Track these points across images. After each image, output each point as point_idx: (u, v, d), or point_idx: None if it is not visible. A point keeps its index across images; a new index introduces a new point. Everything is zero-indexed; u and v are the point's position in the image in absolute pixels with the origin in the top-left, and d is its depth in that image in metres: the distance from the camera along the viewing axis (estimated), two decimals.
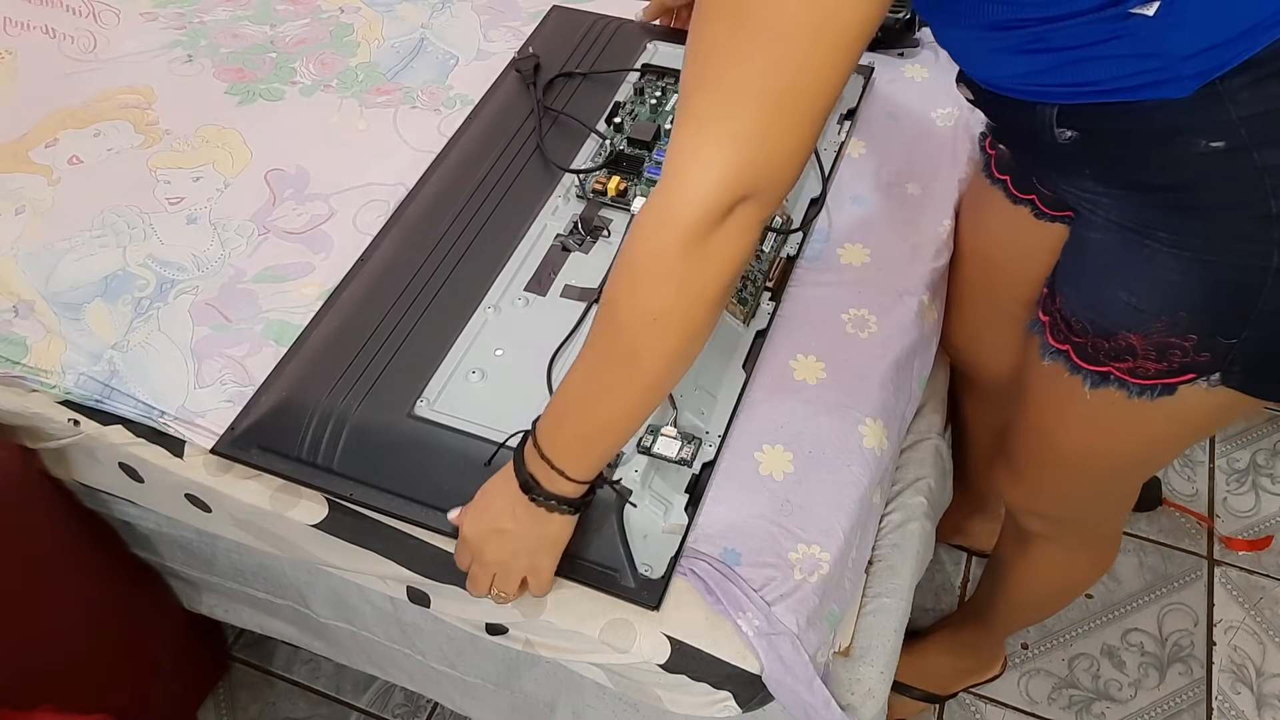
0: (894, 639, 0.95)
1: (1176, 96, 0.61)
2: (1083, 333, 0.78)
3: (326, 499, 0.88)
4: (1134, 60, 0.61)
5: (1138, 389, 0.75)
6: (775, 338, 0.95)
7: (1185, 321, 0.70)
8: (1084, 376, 0.78)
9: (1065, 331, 0.80)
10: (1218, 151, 0.62)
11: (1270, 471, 1.62)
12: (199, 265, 1.03)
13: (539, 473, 0.72)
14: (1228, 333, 0.69)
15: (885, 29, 1.23)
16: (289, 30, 1.32)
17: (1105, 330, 0.75)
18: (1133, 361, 0.75)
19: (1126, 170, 0.69)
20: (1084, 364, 0.78)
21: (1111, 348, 0.75)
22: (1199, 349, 0.71)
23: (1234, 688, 1.39)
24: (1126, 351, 0.75)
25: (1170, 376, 0.74)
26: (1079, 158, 0.71)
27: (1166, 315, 0.71)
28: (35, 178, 1.13)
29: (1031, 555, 1.08)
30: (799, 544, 0.82)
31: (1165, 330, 0.71)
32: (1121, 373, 0.76)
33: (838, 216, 1.07)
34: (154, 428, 0.93)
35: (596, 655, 0.83)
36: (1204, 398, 0.74)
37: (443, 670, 1.09)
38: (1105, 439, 0.83)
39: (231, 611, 1.24)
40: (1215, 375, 0.72)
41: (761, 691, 0.81)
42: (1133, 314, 0.73)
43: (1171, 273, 0.69)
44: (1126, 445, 0.83)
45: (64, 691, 1.05)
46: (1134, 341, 0.74)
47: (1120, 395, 0.77)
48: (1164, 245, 0.69)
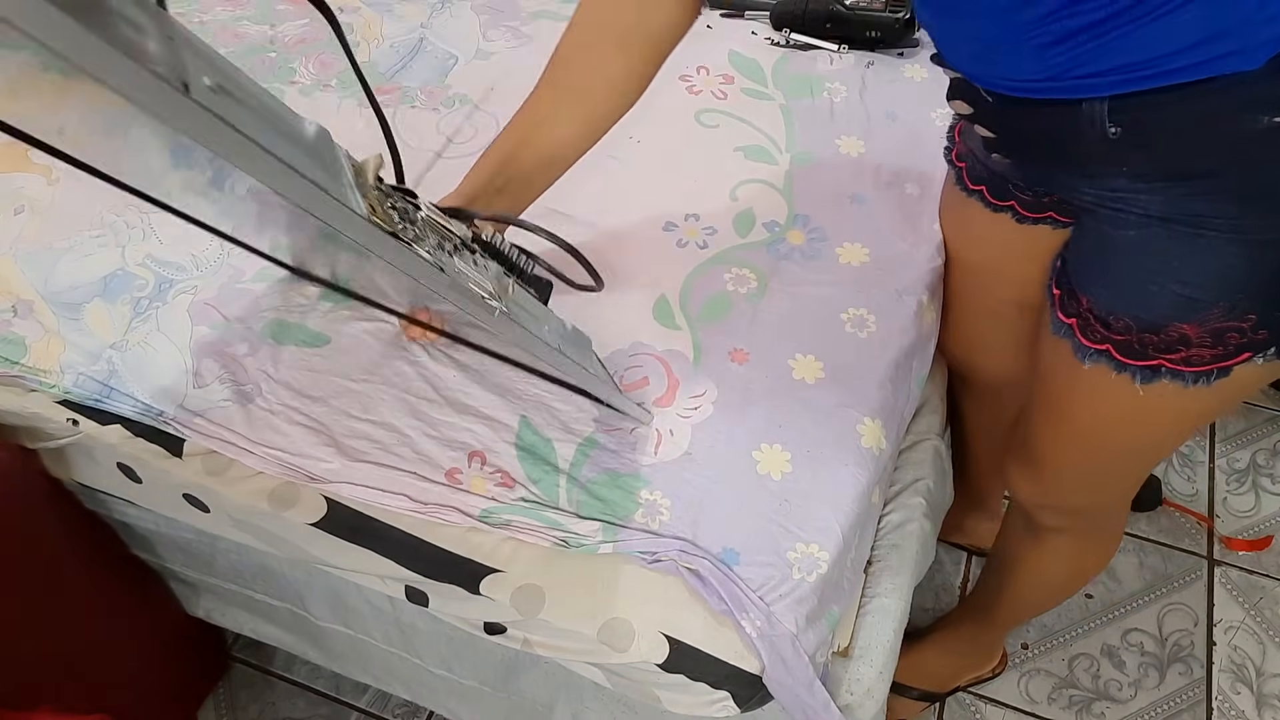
0: (893, 639, 0.95)
1: (1246, 69, 0.59)
2: (1125, 330, 0.76)
3: (324, 498, 0.88)
4: (1195, 28, 0.58)
5: (1192, 377, 0.74)
6: (775, 336, 0.95)
7: (1244, 303, 0.69)
8: (1133, 374, 0.77)
9: (1103, 331, 0.78)
10: (1278, 126, 0.60)
11: (1270, 471, 1.62)
12: (198, 265, 1.03)
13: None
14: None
15: (885, 29, 1.23)
16: (289, 30, 1.32)
17: (1153, 325, 0.74)
18: (1185, 351, 0.73)
19: (1175, 159, 0.67)
20: (1130, 360, 0.77)
21: (1161, 341, 0.74)
22: (1257, 327, 0.70)
23: (1234, 688, 1.39)
24: (1179, 343, 0.73)
25: (1226, 360, 0.73)
26: (1120, 155, 0.69)
27: (1225, 301, 0.70)
28: (35, 177, 1.13)
29: (1042, 549, 1.07)
30: (798, 543, 0.82)
31: (1223, 315, 0.70)
32: (1174, 364, 0.75)
33: (838, 216, 1.07)
34: (152, 427, 0.93)
35: (595, 655, 0.83)
36: (1255, 374, 0.73)
37: (440, 675, 1.09)
38: (1152, 431, 0.82)
39: (228, 615, 1.24)
40: (1271, 350, 0.71)
41: (760, 691, 0.81)
42: (1186, 305, 0.71)
43: (1230, 258, 0.68)
44: (1171, 433, 0.83)
45: (64, 691, 1.05)
46: (1187, 331, 0.72)
47: (1174, 386, 0.75)
48: (1220, 232, 0.68)
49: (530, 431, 0.89)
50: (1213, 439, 1.67)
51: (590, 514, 0.84)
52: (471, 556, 0.85)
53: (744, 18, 1.36)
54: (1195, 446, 1.65)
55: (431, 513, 0.85)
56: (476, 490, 0.86)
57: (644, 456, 0.87)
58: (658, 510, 0.83)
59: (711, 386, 0.91)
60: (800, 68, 1.26)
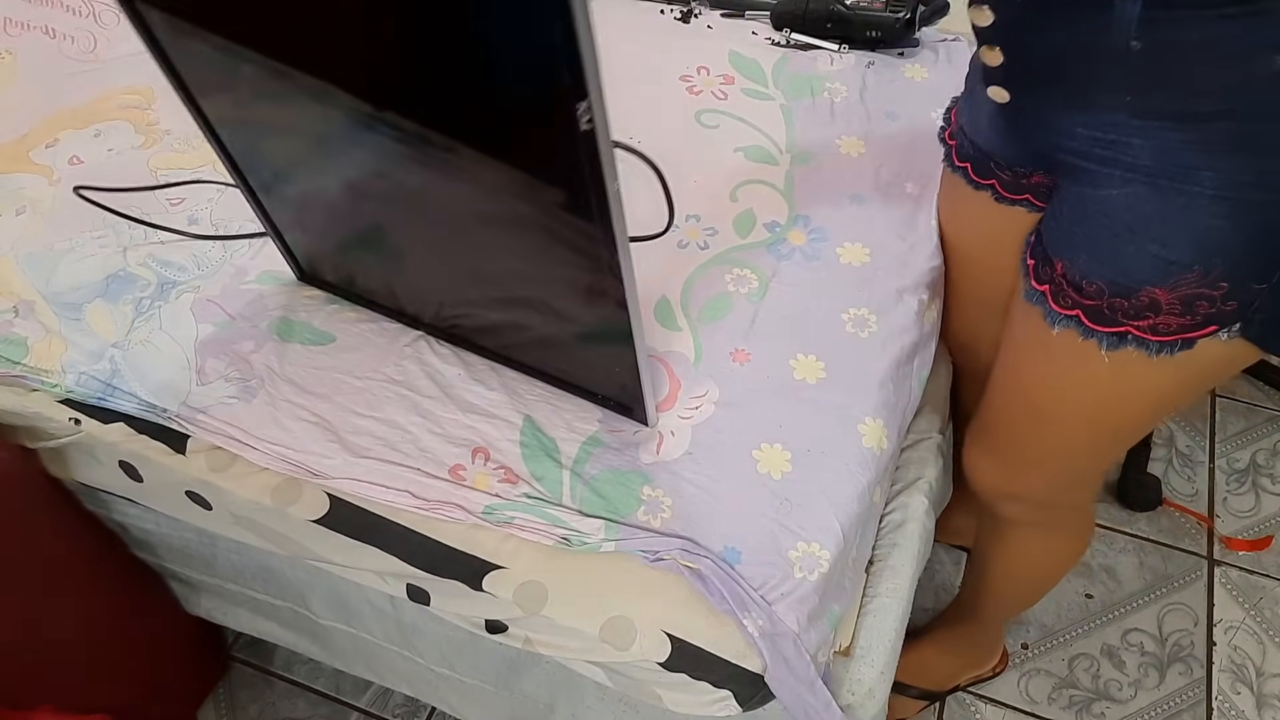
0: (894, 639, 0.95)
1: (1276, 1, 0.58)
2: (1096, 295, 0.76)
3: (327, 494, 0.89)
4: None
5: (1157, 346, 0.74)
6: (775, 336, 0.96)
7: (1220, 269, 0.69)
8: (1100, 339, 0.77)
9: (1074, 296, 0.78)
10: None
11: (1270, 471, 1.62)
12: (200, 265, 1.04)
13: None
14: (1261, 276, 0.68)
15: (885, 29, 1.23)
16: None
17: (1125, 289, 0.74)
18: (1154, 318, 0.73)
19: (1186, 95, 0.65)
20: (1099, 326, 0.77)
21: (1131, 306, 0.74)
22: (1227, 297, 0.70)
23: (1234, 688, 1.39)
24: (1148, 309, 0.73)
25: (1192, 331, 0.73)
26: (1130, 78, 0.67)
27: (1201, 264, 0.69)
28: (36, 178, 1.13)
29: (1009, 543, 1.08)
30: (799, 542, 0.82)
31: (1196, 281, 0.70)
32: (1141, 331, 0.75)
33: (838, 216, 1.07)
34: (156, 424, 0.93)
35: (596, 654, 0.83)
36: (1218, 351, 0.73)
37: (442, 673, 1.09)
38: (1113, 403, 0.82)
39: (229, 615, 1.24)
40: (1236, 326, 0.71)
41: (762, 691, 0.81)
42: (1162, 267, 0.71)
43: (1214, 218, 0.68)
44: (1131, 408, 0.82)
45: (64, 691, 1.05)
46: (1158, 296, 0.72)
47: (1138, 355, 0.76)
48: (1205, 189, 0.67)
49: (534, 429, 0.89)
50: (1213, 439, 1.67)
51: (593, 511, 0.84)
52: (474, 552, 0.85)
53: (744, 18, 1.36)
54: (1195, 446, 1.66)
55: (434, 509, 0.85)
56: (480, 486, 0.86)
57: (646, 455, 0.87)
58: (659, 508, 0.84)
59: (713, 387, 0.91)
60: (800, 68, 1.27)
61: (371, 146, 0.77)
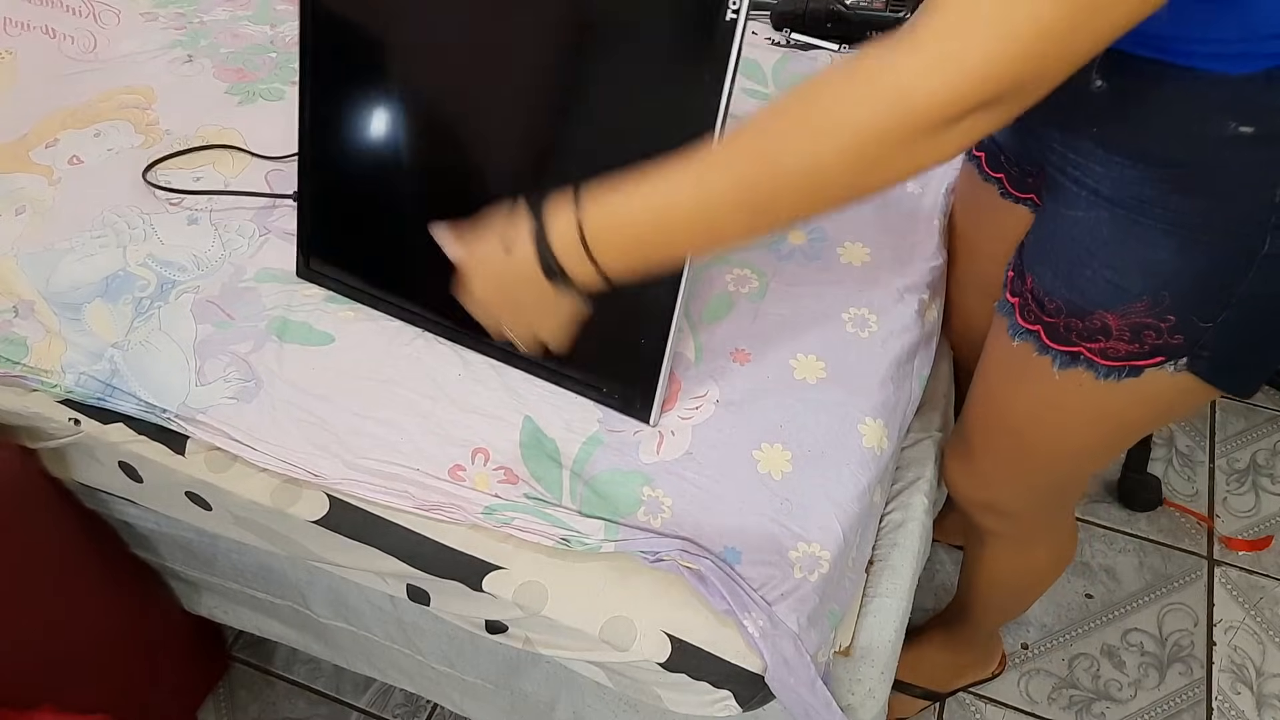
0: (894, 639, 0.95)
1: (1238, 73, 0.60)
2: (1056, 313, 0.78)
3: (326, 495, 0.89)
4: (1211, 25, 0.59)
5: (1105, 370, 0.76)
6: (775, 336, 0.95)
7: (1167, 302, 0.71)
8: (1053, 357, 0.79)
9: (1037, 312, 0.80)
10: (1244, 136, 0.62)
11: (1270, 471, 1.62)
12: (199, 265, 1.03)
13: (569, 259, 0.65)
14: (1206, 315, 0.70)
15: (885, 29, 1.23)
16: (289, 30, 1.33)
17: (1081, 310, 0.76)
18: (1105, 342, 0.75)
19: (1143, 139, 0.68)
20: (1054, 344, 0.78)
21: (1085, 328, 0.76)
22: (1174, 330, 0.71)
23: (1234, 688, 1.39)
24: (1100, 332, 0.75)
25: (1140, 359, 0.74)
26: (1095, 112, 0.69)
27: (1149, 295, 0.71)
28: (35, 178, 1.13)
29: (987, 553, 1.09)
30: (799, 542, 0.82)
31: (1145, 310, 0.72)
32: (1092, 353, 0.76)
33: (838, 216, 1.07)
34: (155, 425, 0.93)
35: (596, 654, 0.83)
36: (1166, 383, 0.74)
37: (443, 670, 1.09)
38: (1066, 422, 0.83)
39: (231, 613, 1.24)
40: (1183, 360, 0.73)
41: (762, 691, 0.81)
42: (1114, 293, 0.73)
43: (1162, 251, 0.69)
44: (1085, 430, 0.84)
45: (64, 691, 1.05)
46: (1109, 321, 0.74)
47: (1088, 376, 0.77)
48: (1158, 223, 0.69)
49: (534, 429, 0.89)
50: (1213, 439, 1.67)
51: (593, 511, 0.84)
52: (474, 553, 0.85)
53: None
54: (1195, 446, 1.66)
55: (434, 510, 0.85)
56: (480, 487, 0.86)
57: (646, 455, 0.87)
58: (660, 508, 0.83)
59: (713, 386, 0.91)
60: (800, 68, 1.27)
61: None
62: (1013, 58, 0.49)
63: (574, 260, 0.65)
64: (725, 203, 0.60)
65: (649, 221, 0.63)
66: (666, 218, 0.62)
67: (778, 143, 0.57)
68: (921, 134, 0.52)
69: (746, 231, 0.62)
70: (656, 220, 0.63)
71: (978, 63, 0.49)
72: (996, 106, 0.51)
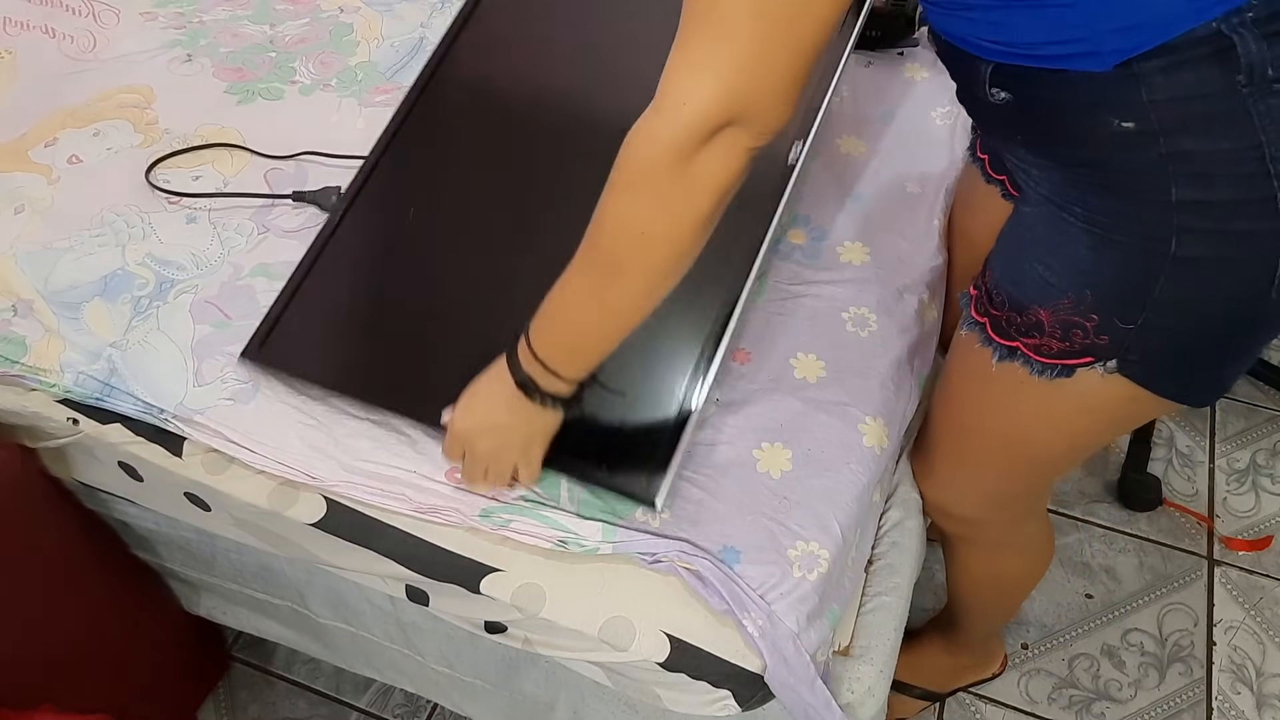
0: (893, 638, 0.95)
1: (1097, 70, 0.62)
2: (1000, 306, 0.79)
3: (324, 497, 0.88)
4: (1057, 28, 0.62)
5: (1039, 367, 0.77)
6: (775, 336, 0.95)
7: (1090, 300, 0.71)
8: (994, 350, 0.80)
9: (987, 304, 0.81)
10: (1129, 133, 0.63)
11: (1270, 471, 1.62)
12: (198, 264, 1.03)
13: (535, 373, 0.76)
14: (1125, 317, 0.71)
15: (885, 28, 1.23)
16: (288, 30, 1.32)
17: (1019, 304, 0.77)
18: (1039, 338, 0.76)
19: (1050, 140, 0.70)
20: (996, 337, 0.80)
21: (1023, 322, 0.77)
22: (1099, 330, 0.72)
23: (1234, 688, 1.39)
24: (1035, 327, 0.76)
25: (1070, 357, 0.75)
26: (1011, 122, 0.72)
27: (1074, 292, 0.72)
28: (35, 177, 1.13)
29: (957, 558, 1.10)
30: (798, 541, 0.82)
31: (1071, 308, 0.73)
32: (1028, 349, 0.77)
33: (838, 215, 1.07)
34: (153, 426, 0.93)
35: (596, 653, 0.83)
36: (1101, 386, 0.75)
37: (442, 670, 1.09)
38: (1007, 419, 0.84)
39: (230, 614, 1.24)
40: (1112, 362, 0.73)
41: (761, 690, 0.81)
42: (1045, 288, 0.74)
43: (1082, 248, 0.71)
44: (1026, 429, 0.84)
45: (64, 691, 1.05)
46: (1043, 317, 0.75)
47: (1024, 372, 0.78)
48: (1078, 220, 0.71)
49: None
50: (1213, 439, 1.67)
51: (591, 513, 0.84)
52: (472, 555, 0.85)
53: None
54: (1195, 446, 1.66)
55: (431, 513, 0.85)
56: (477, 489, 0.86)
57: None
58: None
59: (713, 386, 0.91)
60: None
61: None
62: (727, 86, 0.60)
63: (539, 373, 0.76)
64: (586, 266, 0.71)
65: (558, 328, 0.75)
66: (565, 321, 0.74)
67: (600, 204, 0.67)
68: (678, 162, 0.62)
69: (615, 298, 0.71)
70: (563, 325, 0.75)
71: (698, 97, 0.60)
72: (741, 124, 0.62)
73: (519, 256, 0.95)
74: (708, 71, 0.60)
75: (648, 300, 0.71)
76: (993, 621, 1.33)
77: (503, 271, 0.96)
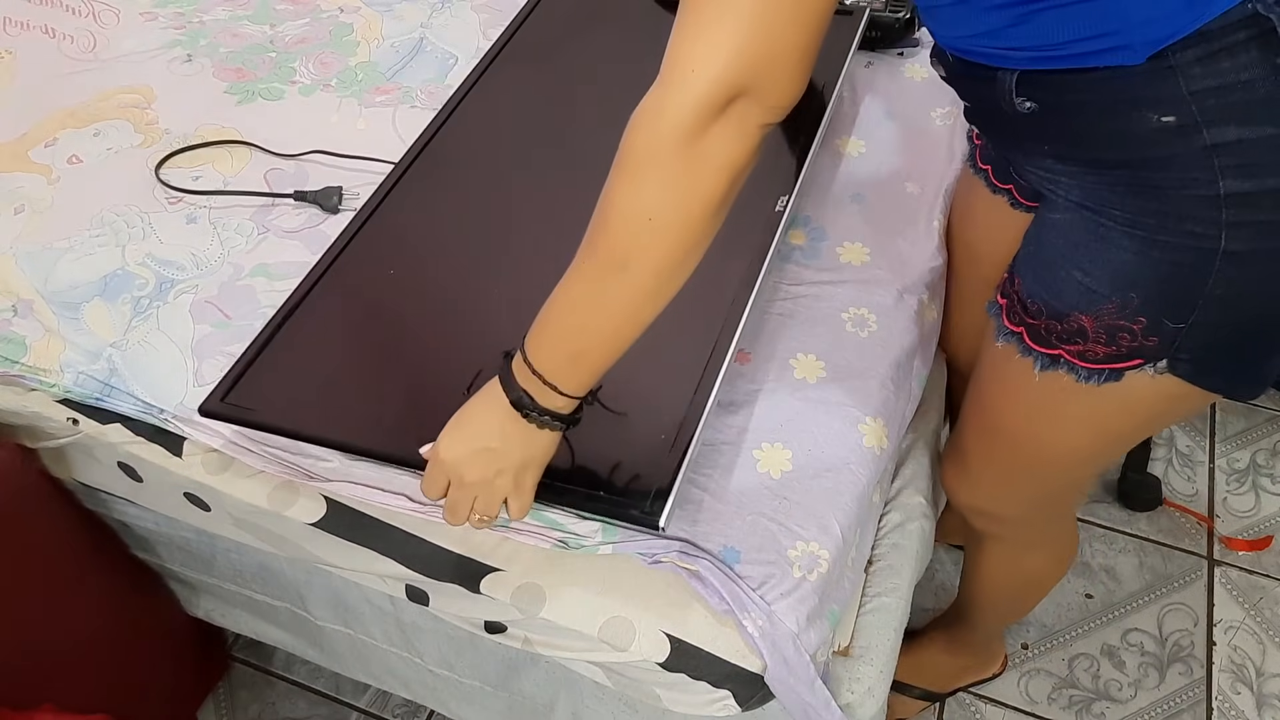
0: (894, 638, 0.95)
1: (1129, 64, 0.61)
2: (1037, 314, 0.78)
3: (324, 497, 0.88)
4: (1087, 23, 0.60)
5: (1085, 373, 0.75)
6: (775, 336, 0.95)
7: (1135, 303, 0.70)
8: (1035, 359, 0.78)
9: (1021, 314, 0.80)
10: (1169, 127, 0.62)
11: (1270, 471, 1.62)
12: (198, 264, 1.03)
13: (532, 388, 0.70)
14: (1175, 316, 0.69)
15: (885, 28, 1.23)
16: (288, 30, 1.32)
17: (1058, 312, 0.75)
18: (1083, 344, 0.75)
19: (1082, 145, 0.69)
20: (1036, 346, 0.78)
21: (1064, 330, 0.75)
22: (1147, 332, 0.71)
23: (1234, 688, 1.39)
24: (1077, 334, 0.75)
25: (1118, 361, 0.74)
26: (1038, 132, 0.71)
27: (1118, 296, 0.71)
28: (35, 177, 1.13)
29: (986, 556, 1.09)
30: (798, 541, 0.82)
31: (1115, 312, 0.71)
32: (1071, 356, 0.76)
33: (837, 216, 1.07)
34: (153, 426, 0.93)
35: (595, 654, 0.83)
36: (1150, 386, 0.74)
37: (441, 674, 1.09)
38: (1052, 426, 0.83)
39: (229, 616, 1.24)
40: (1162, 362, 0.72)
41: (761, 691, 0.81)
42: (1086, 295, 0.73)
43: (1125, 252, 0.69)
44: (1073, 434, 0.83)
45: (64, 691, 1.05)
46: (1085, 323, 0.74)
47: (1069, 380, 0.77)
48: (1118, 224, 0.69)
49: None
50: (1213, 439, 1.67)
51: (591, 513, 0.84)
52: (472, 555, 0.85)
53: None
54: (1195, 446, 1.66)
55: (431, 512, 0.85)
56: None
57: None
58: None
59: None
60: None
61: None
62: (736, 52, 0.56)
63: (537, 388, 0.70)
64: (587, 263, 0.66)
65: (558, 335, 0.69)
66: (565, 327, 0.69)
67: (604, 192, 0.63)
68: (687, 139, 0.58)
69: (619, 296, 0.66)
70: (564, 332, 0.69)
71: (705, 65, 0.57)
72: (752, 96, 0.58)
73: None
74: (715, 40, 0.56)
75: (656, 298, 0.66)
76: (1004, 621, 1.33)
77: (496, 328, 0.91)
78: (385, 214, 1.02)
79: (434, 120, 1.12)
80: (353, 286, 0.97)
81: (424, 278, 0.98)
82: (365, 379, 0.91)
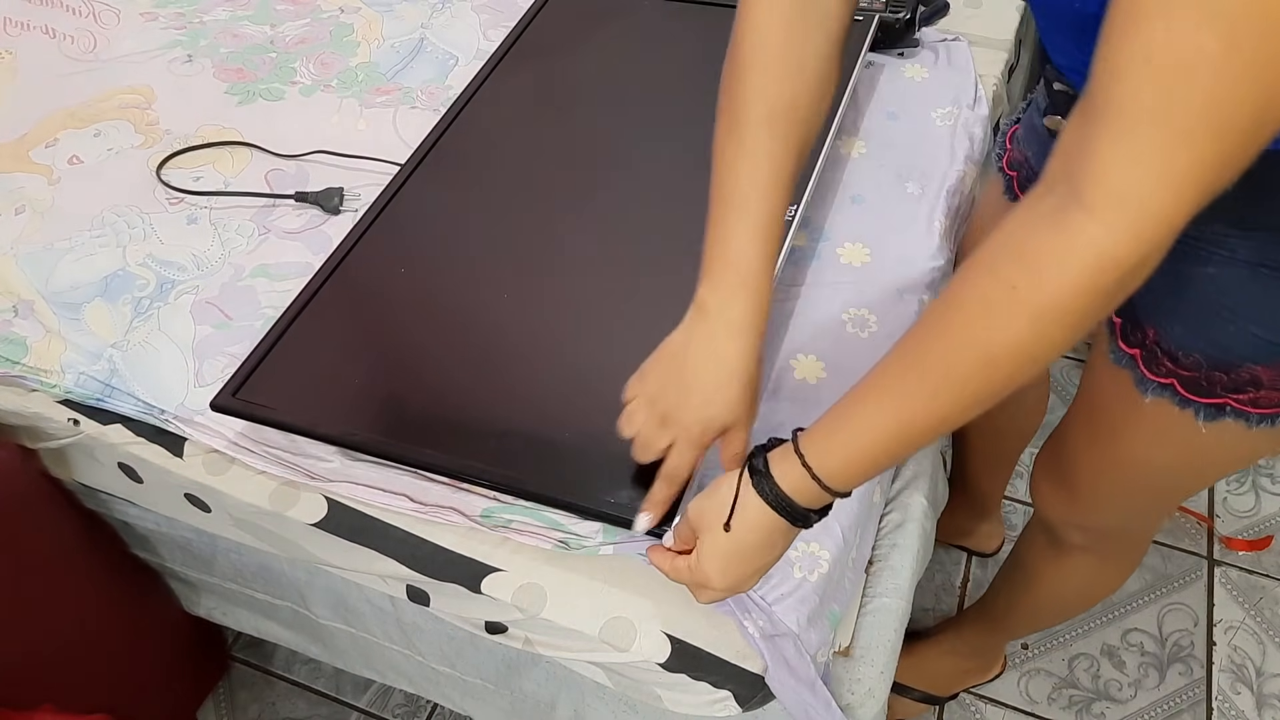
0: (894, 639, 0.95)
1: None
2: (1194, 366, 0.75)
3: (325, 497, 0.88)
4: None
5: (1258, 418, 0.74)
6: (775, 337, 0.95)
7: None
8: (1196, 410, 0.76)
9: (1169, 365, 0.77)
10: None
11: (1270, 471, 1.62)
12: (199, 265, 1.03)
13: (810, 502, 0.66)
14: None
15: (886, 29, 1.23)
16: (289, 30, 1.32)
17: (1226, 364, 0.73)
18: (1255, 392, 0.73)
19: (1269, 211, 0.66)
20: (1196, 397, 0.75)
21: (1231, 380, 0.73)
22: None
23: (1234, 688, 1.39)
24: (1250, 383, 0.73)
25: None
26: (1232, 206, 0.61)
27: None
28: (35, 177, 1.13)
29: (1065, 565, 1.07)
30: (799, 542, 0.82)
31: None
32: (1240, 404, 0.74)
33: (838, 216, 1.07)
34: (154, 426, 0.93)
35: (596, 654, 0.83)
36: None
37: (442, 671, 1.09)
38: (1203, 465, 0.82)
39: (230, 615, 1.24)
40: None
41: (762, 691, 0.81)
42: (1264, 347, 0.71)
43: None
44: (1219, 468, 0.83)
45: (64, 691, 1.05)
46: (1260, 374, 0.72)
47: (1237, 426, 0.75)
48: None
49: None
50: None
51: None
52: (472, 555, 0.85)
53: None
54: None
55: (432, 513, 0.85)
56: (477, 489, 0.86)
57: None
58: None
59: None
60: None
61: None
62: (1184, 202, 0.49)
63: (813, 499, 0.66)
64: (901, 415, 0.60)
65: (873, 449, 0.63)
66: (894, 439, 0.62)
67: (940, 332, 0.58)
68: (1117, 289, 0.52)
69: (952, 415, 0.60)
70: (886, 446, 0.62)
71: (1156, 212, 0.49)
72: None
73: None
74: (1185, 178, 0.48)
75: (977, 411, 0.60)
76: (1033, 630, 1.32)
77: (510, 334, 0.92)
78: (394, 212, 1.02)
79: (443, 119, 1.12)
80: (363, 285, 0.97)
81: (435, 277, 0.98)
82: (377, 377, 0.91)
